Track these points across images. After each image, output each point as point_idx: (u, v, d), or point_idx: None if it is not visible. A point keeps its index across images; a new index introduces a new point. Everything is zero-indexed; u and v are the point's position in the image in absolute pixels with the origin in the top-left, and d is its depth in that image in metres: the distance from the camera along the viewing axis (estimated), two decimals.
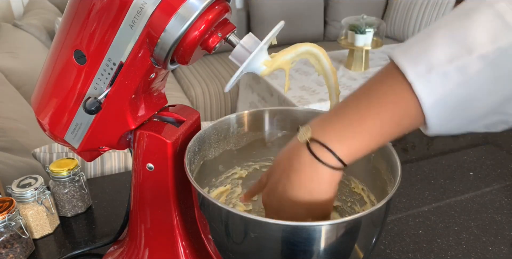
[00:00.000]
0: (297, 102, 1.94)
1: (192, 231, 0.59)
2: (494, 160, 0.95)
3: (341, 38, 2.35)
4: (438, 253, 0.70)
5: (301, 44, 0.49)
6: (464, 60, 0.35)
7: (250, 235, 0.43)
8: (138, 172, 0.55)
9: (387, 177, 0.52)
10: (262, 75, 0.49)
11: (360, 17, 2.28)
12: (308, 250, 0.42)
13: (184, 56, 0.47)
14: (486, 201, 0.82)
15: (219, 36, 0.47)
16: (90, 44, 0.48)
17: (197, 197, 0.48)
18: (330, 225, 0.41)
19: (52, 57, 0.52)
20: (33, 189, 0.71)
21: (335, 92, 0.51)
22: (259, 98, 2.28)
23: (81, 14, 0.47)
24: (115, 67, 0.48)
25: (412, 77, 0.37)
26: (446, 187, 0.86)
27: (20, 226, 0.67)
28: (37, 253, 0.71)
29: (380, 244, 0.72)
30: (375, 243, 0.48)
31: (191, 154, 0.53)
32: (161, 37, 0.44)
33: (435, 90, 0.36)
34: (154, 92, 0.56)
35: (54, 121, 0.54)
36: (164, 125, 0.54)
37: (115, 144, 0.55)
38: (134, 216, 0.59)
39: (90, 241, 0.74)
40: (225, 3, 0.47)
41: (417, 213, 0.79)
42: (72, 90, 0.51)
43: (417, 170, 0.92)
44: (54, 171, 0.75)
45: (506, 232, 0.74)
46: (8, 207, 0.65)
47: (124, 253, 0.63)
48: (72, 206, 0.79)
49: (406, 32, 3.17)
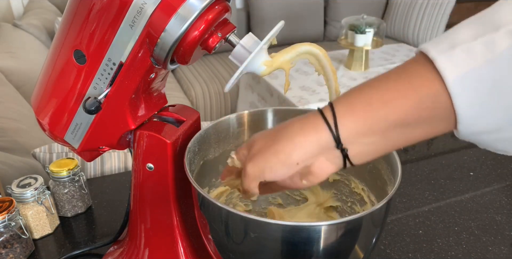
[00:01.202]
0: (297, 102, 1.93)
1: (192, 231, 0.59)
2: (494, 160, 0.95)
3: (341, 38, 2.34)
4: (438, 253, 0.70)
5: (301, 44, 0.49)
6: (491, 36, 0.32)
7: (250, 235, 0.43)
8: (138, 172, 0.55)
9: (387, 177, 0.52)
10: (262, 75, 0.49)
11: (360, 17, 2.28)
12: (308, 250, 0.42)
13: (184, 56, 0.47)
14: (486, 201, 0.82)
15: (219, 36, 0.47)
16: (90, 44, 0.48)
17: (197, 197, 0.48)
18: (330, 225, 0.41)
19: (52, 57, 0.52)
20: (33, 189, 0.71)
21: (335, 92, 0.51)
22: (259, 98, 2.28)
23: (81, 14, 0.47)
24: (115, 67, 0.48)
25: (434, 54, 0.33)
26: (446, 187, 0.86)
27: (20, 226, 0.67)
28: (37, 253, 0.71)
29: (380, 244, 0.72)
30: (375, 243, 0.48)
31: (191, 154, 0.53)
32: (161, 37, 0.44)
33: (459, 66, 0.33)
34: (154, 92, 0.56)
35: (54, 121, 0.54)
36: (164, 125, 0.54)
37: (115, 144, 0.55)
38: (134, 216, 0.59)
39: (90, 241, 0.74)
40: (225, 3, 0.47)
41: (417, 213, 0.79)
42: (72, 90, 0.51)
43: (417, 170, 0.92)
44: (54, 171, 0.75)
45: (506, 232, 0.74)
46: (8, 207, 0.65)
47: (124, 253, 0.63)
48: (72, 206, 0.79)
49: (406, 32, 3.17)
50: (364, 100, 0.38)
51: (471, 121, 0.34)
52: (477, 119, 0.34)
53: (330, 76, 0.50)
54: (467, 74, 0.32)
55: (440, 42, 0.34)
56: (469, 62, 0.32)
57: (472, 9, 3.72)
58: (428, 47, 0.35)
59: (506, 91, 0.32)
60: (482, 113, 0.33)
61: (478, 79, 0.32)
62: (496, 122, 0.34)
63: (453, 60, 0.33)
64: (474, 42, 0.32)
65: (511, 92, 0.32)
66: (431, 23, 3.02)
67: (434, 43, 0.35)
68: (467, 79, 0.32)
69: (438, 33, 3.03)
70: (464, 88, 0.33)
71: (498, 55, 0.32)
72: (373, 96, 0.37)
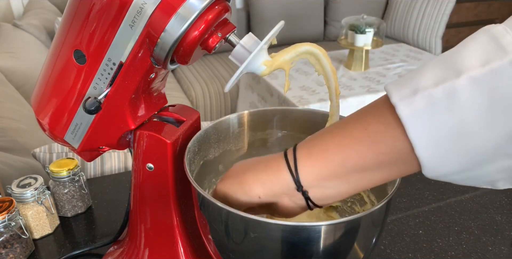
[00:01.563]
0: (297, 102, 1.94)
1: (192, 231, 0.59)
2: None
3: (341, 38, 2.35)
4: (438, 253, 0.70)
5: (301, 44, 0.49)
6: (452, 82, 0.31)
7: (250, 235, 0.43)
8: (138, 172, 0.55)
9: None
10: (262, 75, 0.49)
11: (360, 17, 2.28)
12: (308, 250, 0.42)
13: (184, 56, 0.47)
14: (486, 201, 0.82)
15: (219, 36, 0.47)
16: (90, 44, 0.48)
17: (197, 197, 0.48)
18: (330, 225, 0.41)
19: (52, 57, 0.52)
20: (33, 189, 0.71)
21: (335, 92, 0.51)
22: (259, 98, 2.28)
23: (81, 14, 0.47)
24: (115, 67, 0.48)
25: (396, 99, 0.34)
26: (446, 187, 0.86)
27: (20, 226, 0.67)
28: (37, 253, 0.71)
29: (380, 244, 0.72)
30: (375, 243, 0.48)
31: (191, 154, 0.53)
32: (161, 37, 0.44)
33: (419, 113, 0.33)
34: (154, 92, 0.56)
35: (54, 121, 0.54)
36: (164, 125, 0.54)
37: (115, 144, 0.55)
38: (134, 216, 0.59)
39: (90, 241, 0.74)
40: (225, 3, 0.47)
41: (417, 213, 0.79)
42: (72, 90, 0.51)
43: None
44: (54, 171, 0.75)
45: (506, 232, 0.74)
46: (8, 207, 0.65)
47: (124, 253, 0.63)
48: (72, 206, 0.79)
49: (406, 32, 3.18)
50: (322, 145, 0.40)
51: (435, 165, 0.34)
52: (441, 163, 0.33)
53: (330, 76, 0.50)
54: (428, 123, 0.32)
55: (404, 84, 0.34)
56: (429, 110, 0.32)
57: (472, 9, 3.73)
58: (392, 90, 0.35)
59: (466, 137, 0.32)
60: (445, 157, 0.33)
61: (437, 126, 0.32)
62: (461, 165, 0.33)
63: (413, 107, 0.33)
64: (435, 88, 0.32)
65: (471, 138, 0.32)
66: (431, 23, 3.02)
67: (398, 85, 0.35)
68: (428, 128, 0.32)
69: (438, 33, 3.03)
70: (424, 135, 0.33)
71: (459, 103, 0.31)
72: (331, 141, 0.39)
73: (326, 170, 0.39)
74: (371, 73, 2.24)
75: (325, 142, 0.40)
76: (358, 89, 2.06)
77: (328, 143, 0.39)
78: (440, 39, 3.06)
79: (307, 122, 0.60)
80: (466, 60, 0.32)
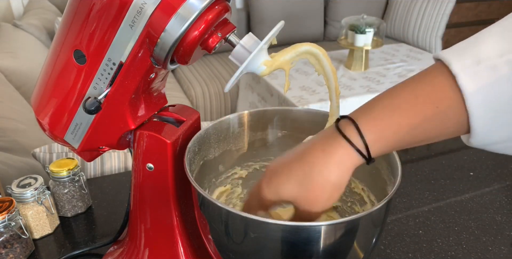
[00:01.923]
0: (297, 102, 1.93)
1: (192, 231, 0.59)
2: (494, 160, 0.95)
3: (341, 38, 2.35)
4: (438, 253, 0.70)
5: (301, 44, 0.49)
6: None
7: (250, 235, 0.43)
8: (138, 172, 0.55)
9: (387, 177, 0.52)
10: (262, 75, 0.49)
11: (360, 17, 2.28)
12: (308, 250, 0.42)
13: (184, 56, 0.47)
14: (486, 201, 0.82)
15: (219, 36, 0.47)
16: (90, 44, 0.48)
17: (197, 197, 0.48)
18: (330, 225, 0.41)
19: (52, 57, 0.52)
20: (33, 189, 0.71)
21: (335, 92, 0.51)
22: (259, 98, 2.28)
23: (81, 14, 0.47)
24: (115, 67, 0.48)
25: (457, 68, 0.33)
26: (446, 187, 0.86)
27: (20, 226, 0.67)
28: (37, 253, 0.71)
29: (380, 244, 0.72)
30: (375, 243, 0.48)
31: (191, 154, 0.53)
32: (161, 37, 0.44)
33: (481, 84, 0.32)
34: (154, 92, 0.56)
35: (54, 121, 0.54)
36: (164, 125, 0.54)
37: (115, 144, 0.55)
38: (134, 216, 0.59)
39: (90, 241, 0.74)
40: (225, 3, 0.47)
41: (417, 213, 0.79)
42: (72, 90, 0.51)
43: (417, 170, 0.92)
44: (54, 171, 0.75)
45: (506, 232, 0.74)
46: (8, 207, 0.65)
47: (124, 253, 0.63)
48: (72, 206, 0.79)
49: (406, 32, 3.17)
50: (376, 112, 0.38)
51: (485, 135, 0.34)
52: (492, 132, 0.34)
53: (330, 76, 0.50)
54: (489, 94, 0.32)
55: (463, 53, 0.34)
56: (492, 81, 0.32)
57: (472, 9, 3.72)
58: (451, 59, 0.34)
59: None
60: (496, 127, 0.33)
61: (497, 97, 0.32)
62: (508, 134, 0.34)
63: (476, 79, 0.32)
64: (500, 59, 0.32)
65: None
66: (431, 23, 3.02)
67: (457, 54, 0.34)
68: (488, 98, 0.32)
69: (438, 33, 3.03)
70: (484, 108, 0.33)
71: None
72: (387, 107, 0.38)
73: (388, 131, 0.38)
74: (371, 73, 2.24)
75: (381, 107, 0.38)
76: (358, 89, 2.06)
77: (384, 109, 0.38)
78: (440, 39, 3.06)
79: (307, 122, 0.60)
80: None
